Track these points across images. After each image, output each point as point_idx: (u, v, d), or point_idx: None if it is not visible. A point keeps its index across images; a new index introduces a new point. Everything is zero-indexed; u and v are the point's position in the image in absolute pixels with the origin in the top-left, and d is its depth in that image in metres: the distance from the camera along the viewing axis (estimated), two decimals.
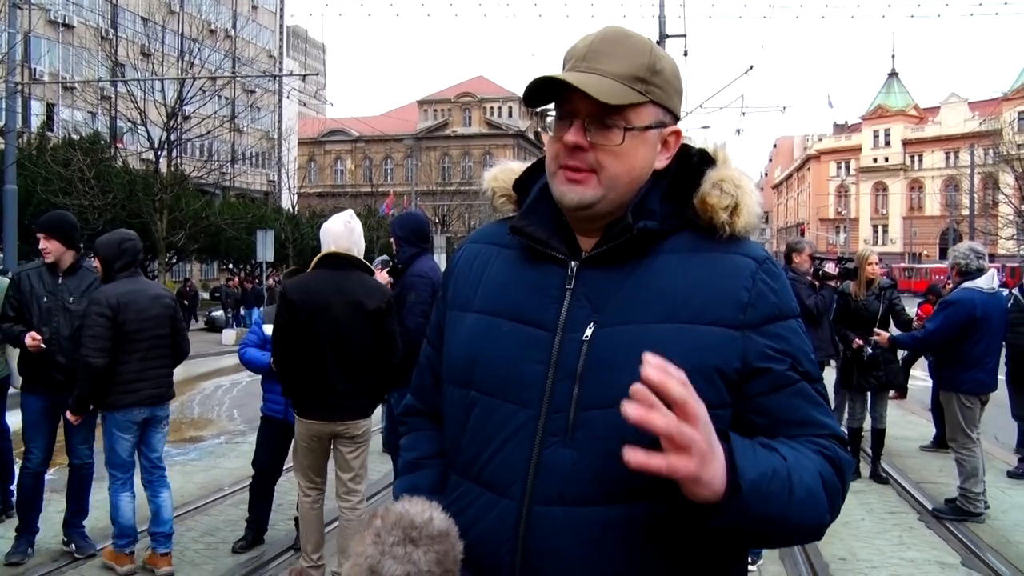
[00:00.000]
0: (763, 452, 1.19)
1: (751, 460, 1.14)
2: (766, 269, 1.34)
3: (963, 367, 6.13)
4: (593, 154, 1.31)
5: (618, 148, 1.31)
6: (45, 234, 5.02)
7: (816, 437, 1.30)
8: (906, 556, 5.37)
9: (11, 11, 18.14)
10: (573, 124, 1.31)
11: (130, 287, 4.76)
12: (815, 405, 1.33)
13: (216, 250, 33.90)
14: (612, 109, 1.29)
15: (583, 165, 1.32)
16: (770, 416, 1.29)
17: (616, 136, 1.31)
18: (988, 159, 43.51)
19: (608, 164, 1.31)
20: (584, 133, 1.31)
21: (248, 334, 5.52)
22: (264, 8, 56.26)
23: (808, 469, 1.22)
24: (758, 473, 1.13)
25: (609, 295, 1.32)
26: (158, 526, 4.88)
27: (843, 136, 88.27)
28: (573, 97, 1.30)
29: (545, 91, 1.33)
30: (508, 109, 72.68)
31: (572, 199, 1.33)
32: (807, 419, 1.31)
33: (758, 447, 1.19)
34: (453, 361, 1.45)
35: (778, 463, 1.18)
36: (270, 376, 5.16)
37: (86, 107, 35.99)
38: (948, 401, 6.25)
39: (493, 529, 1.30)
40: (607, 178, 1.32)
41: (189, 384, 14.80)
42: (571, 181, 1.33)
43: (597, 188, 1.32)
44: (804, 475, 1.21)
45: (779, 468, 1.17)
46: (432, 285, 5.05)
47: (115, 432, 4.75)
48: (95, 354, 4.56)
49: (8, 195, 16.93)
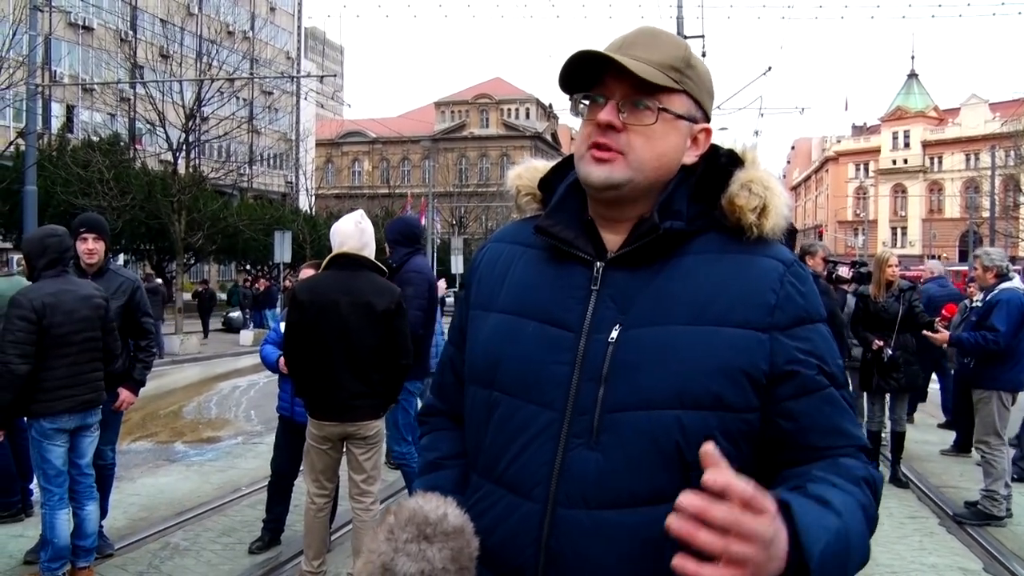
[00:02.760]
0: (823, 516, 1.12)
1: (815, 536, 1.08)
2: (794, 272, 1.32)
3: (1010, 364, 6.07)
4: (625, 135, 1.31)
5: (649, 130, 1.31)
6: (96, 235, 4.96)
7: (845, 449, 1.28)
8: (927, 562, 5.31)
9: (32, 14, 18.27)
10: (607, 104, 1.31)
11: (57, 287, 4.42)
12: (843, 413, 1.31)
13: (234, 251, 34.06)
14: (647, 90, 1.30)
15: (613, 144, 1.31)
16: (798, 421, 1.27)
17: (649, 116, 1.31)
18: (1009, 161, 43.07)
19: (638, 146, 1.31)
20: (618, 113, 1.31)
21: (269, 332, 5.62)
22: (282, 10, 56.55)
23: (857, 516, 1.18)
24: (822, 546, 1.08)
25: (635, 296, 1.30)
26: (81, 539, 4.63)
27: (862, 138, 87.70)
28: (609, 81, 1.31)
29: (581, 75, 1.33)
30: (526, 111, 72.75)
31: (599, 177, 1.31)
32: (836, 428, 1.29)
33: (817, 508, 1.12)
34: (476, 361, 1.43)
35: (837, 525, 1.12)
36: (281, 375, 5.26)
37: (105, 109, 36.23)
38: (988, 400, 6.13)
39: (516, 532, 1.29)
40: (636, 160, 1.31)
41: (206, 385, 14.90)
42: (599, 160, 1.32)
43: (625, 169, 1.31)
44: (856, 524, 1.17)
45: (839, 531, 1.12)
46: (427, 281, 5.55)
47: (44, 442, 4.41)
48: (17, 360, 4.22)
49: (29, 196, 17.09)
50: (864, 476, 1.26)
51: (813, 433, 1.28)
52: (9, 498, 5.85)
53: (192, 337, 21.25)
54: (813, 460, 1.27)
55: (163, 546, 5.44)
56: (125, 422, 10.26)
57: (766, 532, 1.00)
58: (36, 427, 4.43)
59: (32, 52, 18.91)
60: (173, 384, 14.94)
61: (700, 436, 1.21)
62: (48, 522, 4.46)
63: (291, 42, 57.10)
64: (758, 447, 1.29)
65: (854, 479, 1.24)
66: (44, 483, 4.48)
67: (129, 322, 5.07)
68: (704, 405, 1.23)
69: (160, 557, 5.22)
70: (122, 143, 31.10)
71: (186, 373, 16.91)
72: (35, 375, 4.31)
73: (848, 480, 1.23)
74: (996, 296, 6.11)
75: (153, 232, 28.06)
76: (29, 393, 4.34)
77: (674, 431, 1.22)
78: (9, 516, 5.80)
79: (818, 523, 1.10)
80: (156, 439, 9.65)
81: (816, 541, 1.07)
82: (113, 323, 4.74)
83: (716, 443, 1.22)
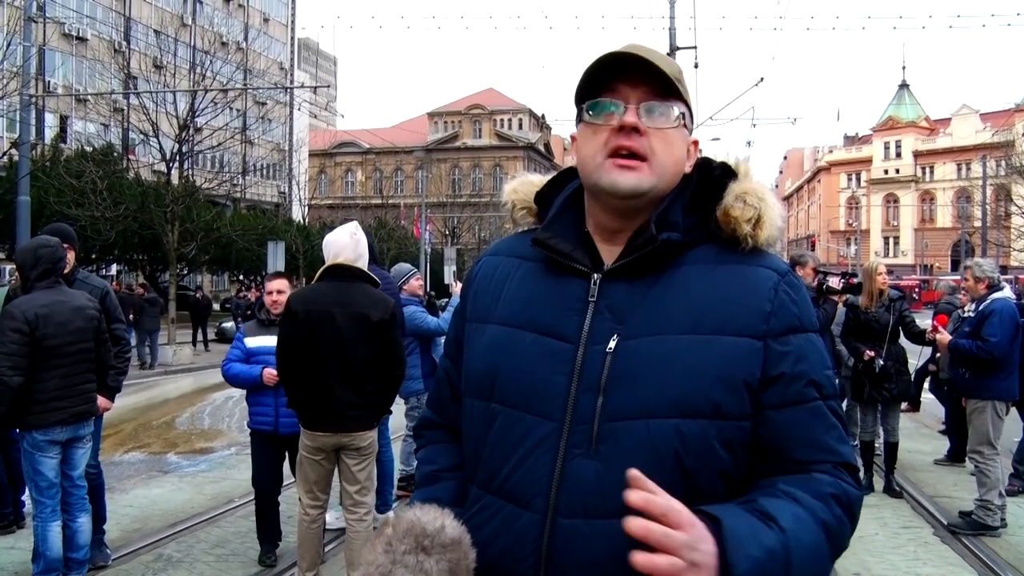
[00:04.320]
0: (759, 533, 1.14)
1: (743, 552, 1.10)
2: (788, 281, 1.34)
3: (1004, 374, 6.10)
4: (647, 139, 1.32)
5: (668, 135, 1.33)
6: (67, 244, 4.89)
7: (823, 464, 1.28)
8: (921, 572, 5.31)
9: (26, 24, 18.27)
10: (627, 109, 1.32)
11: (50, 298, 4.40)
12: (829, 428, 1.31)
13: (227, 261, 34.01)
14: (665, 93, 1.32)
15: (639, 148, 1.31)
16: (779, 432, 1.27)
17: (666, 120, 1.33)
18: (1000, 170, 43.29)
19: (660, 151, 1.32)
20: (639, 118, 1.31)
21: (231, 349, 5.38)
22: (275, 21, 56.64)
23: (809, 530, 1.19)
24: (751, 563, 1.09)
25: (632, 307, 1.31)
26: (73, 552, 4.60)
27: (854, 148, 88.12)
28: (621, 87, 1.32)
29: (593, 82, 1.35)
30: (519, 121, 72.95)
31: (628, 184, 1.31)
32: (817, 443, 1.29)
33: (754, 523, 1.15)
34: (474, 373, 1.43)
35: (774, 541, 1.14)
36: (255, 390, 5.17)
37: (99, 119, 36.24)
38: (982, 410, 6.13)
39: (516, 542, 1.29)
40: (659, 165, 1.33)
41: (200, 395, 14.85)
42: (624, 168, 1.32)
43: (651, 175, 1.32)
44: (805, 540, 1.17)
45: (774, 548, 1.13)
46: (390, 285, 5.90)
47: (36, 454, 4.38)
48: (9, 372, 4.19)
49: (22, 206, 17.03)
50: (833, 492, 1.26)
51: (793, 445, 1.28)
52: (1, 509, 5.81)
53: (185, 348, 21.18)
54: (791, 472, 1.27)
55: (156, 558, 5.41)
56: (117, 433, 10.27)
57: (679, 540, 1.07)
58: (28, 439, 4.40)
59: (26, 63, 18.89)
60: (166, 395, 14.90)
61: (699, 444, 1.22)
62: (40, 534, 4.43)
63: (284, 53, 57.17)
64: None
65: (820, 495, 1.24)
66: (36, 495, 4.46)
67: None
68: (703, 414, 1.23)
69: (153, 569, 5.20)
70: (115, 153, 31.06)
71: (179, 384, 16.84)
72: (28, 387, 4.28)
73: (813, 496, 1.23)
74: (989, 306, 6.13)
75: (146, 242, 27.97)
76: (22, 405, 4.29)
77: (673, 440, 1.22)
78: (1, 528, 5.76)
79: (751, 539, 1.11)
80: (149, 450, 9.62)
81: (744, 558, 1.09)
82: (106, 334, 4.71)
83: (715, 451, 1.23)
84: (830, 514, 1.23)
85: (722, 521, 1.11)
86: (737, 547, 1.09)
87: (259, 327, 5.37)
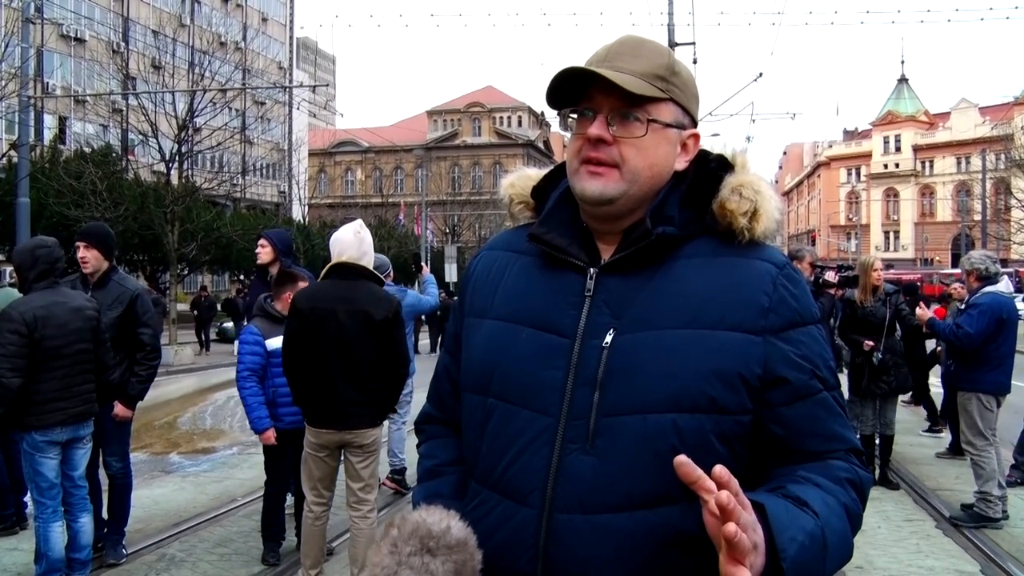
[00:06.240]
0: (798, 517, 1.15)
1: (789, 536, 1.11)
2: (786, 274, 1.34)
3: (987, 367, 6.14)
4: (616, 148, 1.32)
5: (640, 141, 1.32)
6: (86, 243, 4.92)
7: (837, 452, 1.30)
8: (924, 564, 5.31)
9: (24, 26, 18.27)
10: (596, 119, 1.32)
11: (48, 299, 4.37)
12: (835, 417, 1.32)
13: (227, 261, 33.96)
14: (634, 102, 1.30)
15: (606, 158, 1.32)
16: (791, 427, 1.29)
17: (639, 128, 1.31)
18: (1000, 164, 43.26)
19: (630, 158, 1.32)
20: (607, 127, 1.31)
21: (247, 354, 5.05)
22: (274, 20, 56.59)
23: (837, 514, 1.21)
24: (797, 548, 1.11)
25: (628, 301, 1.31)
26: (76, 552, 4.59)
27: (853, 142, 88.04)
28: (595, 94, 1.32)
29: (567, 90, 1.34)
30: (518, 119, 72.87)
31: (594, 192, 1.32)
32: (827, 432, 1.31)
33: (792, 509, 1.16)
34: (471, 368, 1.44)
35: (812, 525, 1.15)
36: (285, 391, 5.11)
37: (98, 120, 36.15)
38: (968, 402, 6.21)
39: (513, 538, 1.29)
40: (629, 172, 1.32)
41: (201, 395, 14.87)
42: (593, 175, 1.33)
43: (619, 182, 1.32)
44: (835, 524, 1.20)
45: (815, 532, 1.15)
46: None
47: (36, 455, 4.37)
48: (8, 374, 4.18)
49: (21, 208, 17.03)
50: (848, 477, 1.28)
51: (806, 438, 1.29)
52: (3, 511, 5.82)
53: (187, 348, 21.19)
54: (804, 463, 1.28)
55: (159, 558, 5.42)
56: None
57: (748, 521, 1.05)
58: (28, 440, 4.39)
59: (24, 64, 18.89)
60: (168, 395, 14.89)
61: (696, 439, 1.23)
62: (42, 535, 4.42)
63: (283, 52, 57.12)
64: (751, 449, 1.30)
65: (837, 479, 1.26)
66: (37, 496, 4.45)
67: (125, 333, 4.98)
68: (699, 408, 1.23)
69: (156, 569, 5.20)
70: (114, 154, 30.99)
71: (181, 384, 16.86)
72: (27, 388, 4.26)
73: (831, 480, 1.25)
74: (975, 299, 6.20)
75: (146, 243, 27.93)
76: (22, 406, 4.29)
77: (670, 434, 1.23)
78: (4, 529, 5.77)
79: (793, 523, 1.12)
80: (152, 450, 9.63)
81: (791, 541, 1.10)
82: (105, 335, 4.68)
83: (711, 446, 1.24)
84: (848, 497, 1.26)
85: (766, 507, 1.12)
86: (783, 531, 1.10)
87: (272, 324, 5.10)
